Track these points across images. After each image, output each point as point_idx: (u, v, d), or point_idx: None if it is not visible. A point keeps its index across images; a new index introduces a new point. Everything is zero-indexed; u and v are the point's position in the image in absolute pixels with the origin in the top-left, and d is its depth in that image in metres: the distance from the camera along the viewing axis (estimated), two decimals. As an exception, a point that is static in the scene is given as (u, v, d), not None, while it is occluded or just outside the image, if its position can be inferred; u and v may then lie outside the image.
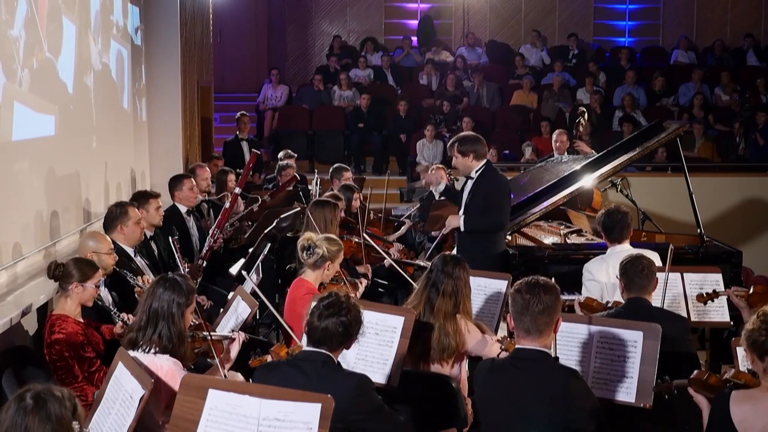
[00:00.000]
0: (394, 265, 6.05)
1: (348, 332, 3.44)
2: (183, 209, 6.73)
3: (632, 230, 5.34)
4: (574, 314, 4.44)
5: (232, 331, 4.31)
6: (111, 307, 4.64)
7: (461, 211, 6.03)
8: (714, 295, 4.80)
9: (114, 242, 5.13)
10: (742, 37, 15.12)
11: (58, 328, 4.18)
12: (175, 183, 6.82)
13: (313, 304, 3.55)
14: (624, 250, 5.12)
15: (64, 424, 2.52)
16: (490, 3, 15.53)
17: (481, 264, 5.32)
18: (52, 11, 5.90)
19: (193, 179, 6.95)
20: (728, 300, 4.95)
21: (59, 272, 4.30)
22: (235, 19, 14.52)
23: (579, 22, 15.70)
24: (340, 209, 6.32)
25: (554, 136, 8.83)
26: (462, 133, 6.15)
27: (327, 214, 5.87)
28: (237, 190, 6.71)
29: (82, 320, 4.34)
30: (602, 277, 5.17)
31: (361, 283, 5.36)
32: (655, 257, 5.14)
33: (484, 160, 6.01)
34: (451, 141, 6.13)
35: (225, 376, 3.88)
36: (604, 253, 5.32)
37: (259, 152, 7.72)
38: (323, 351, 3.40)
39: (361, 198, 7.39)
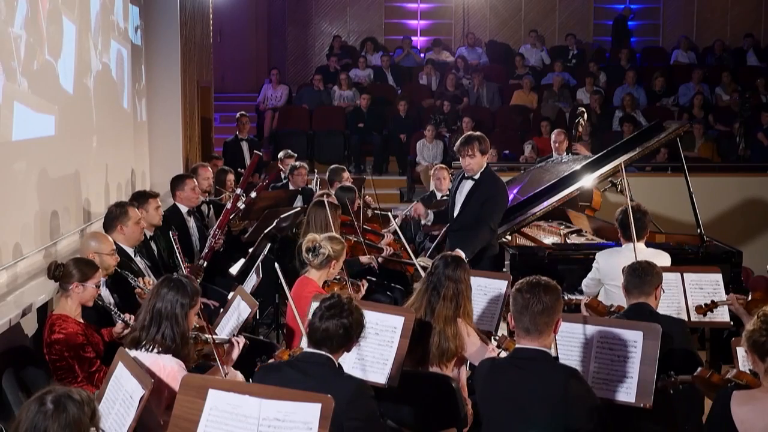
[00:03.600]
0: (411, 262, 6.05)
1: (349, 334, 3.41)
2: (184, 209, 6.72)
3: (648, 231, 5.41)
4: (574, 314, 4.44)
5: (234, 335, 4.31)
6: (112, 307, 4.64)
7: (457, 211, 6.01)
8: (713, 305, 4.79)
9: (114, 242, 5.13)
10: (742, 37, 15.13)
11: (58, 328, 4.18)
12: (177, 183, 6.80)
13: (315, 304, 3.54)
14: (638, 249, 5.17)
15: (82, 429, 2.54)
16: (490, 3, 15.54)
17: (473, 267, 5.32)
18: (53, 11, 5.90)
19: (195, 179, 6.93)
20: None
21: (59, 272, 4.30)
22: (235, 19, 14.53)
23: (579, 22, 15.71)
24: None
25: (553, 137, 8.89)
26: (474, 133, 6.03)
27: (328, 214, 5.87)
28: (238, 190, 6.70)
29: (82, 321, 4.34)
30: (603, 265, 5.30)
31: (363, 285, 5.35)
32: (665, 259, 5.19)
33: None
34: (465, 140, 5.91)
35: (225, 375, 3.88)
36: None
37: (260, 153, 7.71)
38: (323, 353, 3.38)
39: (363, 198, 7.37)
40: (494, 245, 6.06)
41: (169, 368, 3.67)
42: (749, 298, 4.70)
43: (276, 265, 4.45)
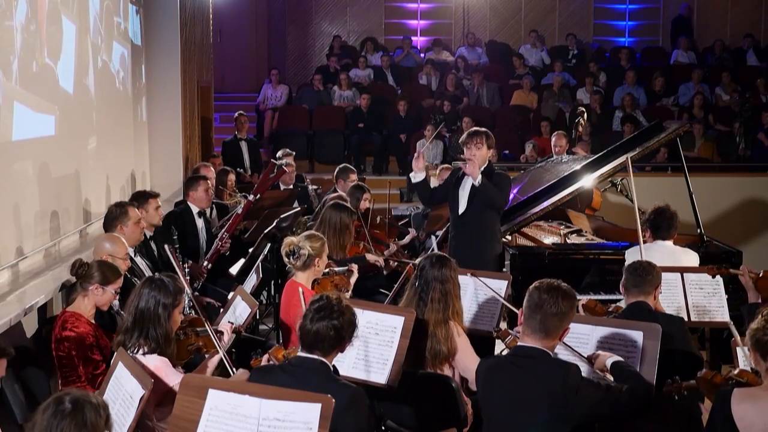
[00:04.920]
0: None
1: (340, 336, 3.36)
2: (195, 210, 6.76)
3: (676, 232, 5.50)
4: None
5: (229, 322, 4.33)
6: (120, 310, 4.63)
7: (462, 208, 6.01)
8: (725, 270, 4.91)
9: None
10: (742, 37, 15.12)
11: (70, 326, 4.17)
12: (191, 183, 6.88)
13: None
14: (666, 247, 5.24)
15: None
16: (490, 3, 15.54)
17: (478, 266, 5.33)
18: (52, 12, 5.90)
19: (209, 182, 6.96)
20: (728, 300, 4.99)
21: (82, 271, 4.29)
22: (235, 19, 14.52)
23: (579, 22, 15.70)
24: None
25: (553, 140, 8.82)
26: (481, 128, 6.13)
27: (344, 218, 5.83)
28: (250, 197, 6.75)
29: (94, 322, 4.34)
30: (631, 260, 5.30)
31: (353, 269, 5.31)
32: (694, 258, 5.22)
33: None
34: (473, 132, 6.01)
35: (229, 368, 3.87)
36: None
37: (276, 162, 7.74)
38: (317, 357, 3.33)
39: (370, 199, 7.33)
40: (498, 245, 6.07)
41: (152, 365, 3.70)
42: (761, 274, 4.75)
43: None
